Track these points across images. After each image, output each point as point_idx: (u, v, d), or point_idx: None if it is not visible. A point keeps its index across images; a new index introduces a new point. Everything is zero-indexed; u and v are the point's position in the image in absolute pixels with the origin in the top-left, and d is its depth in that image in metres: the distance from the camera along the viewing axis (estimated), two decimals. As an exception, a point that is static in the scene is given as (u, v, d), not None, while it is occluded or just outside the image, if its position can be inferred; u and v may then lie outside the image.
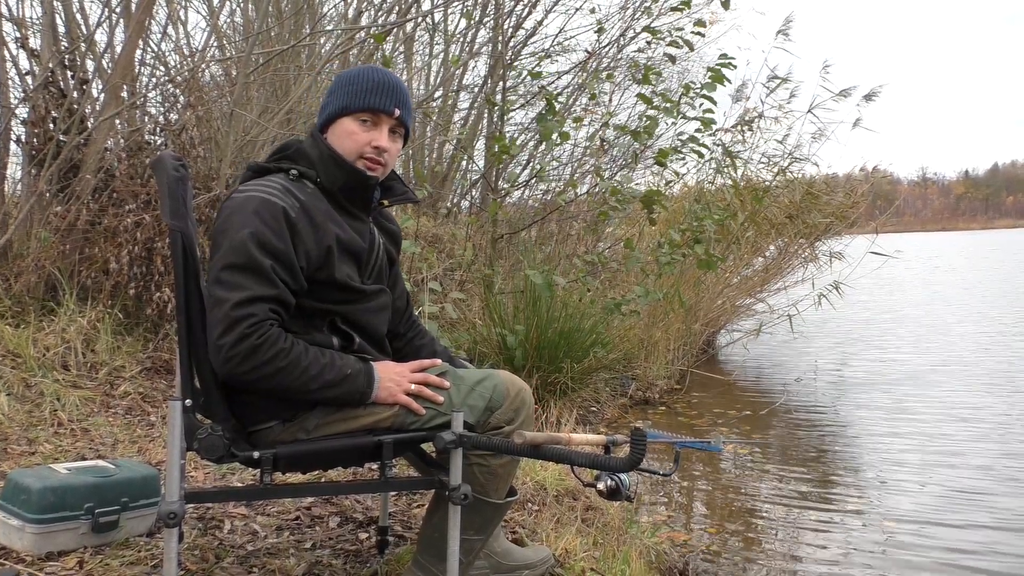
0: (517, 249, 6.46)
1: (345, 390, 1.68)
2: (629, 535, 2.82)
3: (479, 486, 1.79)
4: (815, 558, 3.12)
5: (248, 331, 1.56)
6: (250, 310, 1.57)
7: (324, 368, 1.65)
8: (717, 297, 7.69)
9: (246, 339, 1.56)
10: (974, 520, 3.47)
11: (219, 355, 1.58)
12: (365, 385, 1.70)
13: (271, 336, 1.58)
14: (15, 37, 4.38)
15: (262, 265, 1.60)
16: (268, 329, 1.58)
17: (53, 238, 4.10)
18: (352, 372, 1.69)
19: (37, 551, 2.01)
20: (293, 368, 1.61)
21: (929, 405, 5.70)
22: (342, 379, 1.67)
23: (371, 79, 1.77)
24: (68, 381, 3.62)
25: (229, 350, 1.56)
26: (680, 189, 7.95)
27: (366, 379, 1.70)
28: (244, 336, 1.56)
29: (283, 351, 1.59)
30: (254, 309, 1.57)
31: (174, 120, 4.74)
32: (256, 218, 1.62)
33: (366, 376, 1.71)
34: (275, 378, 1.60)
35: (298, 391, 1.64)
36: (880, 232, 8.61)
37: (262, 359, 1.57)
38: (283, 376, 1.60)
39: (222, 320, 1.57)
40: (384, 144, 1.77)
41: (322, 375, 1.64)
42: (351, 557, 2.20)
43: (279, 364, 1.59)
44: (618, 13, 8.41)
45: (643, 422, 5.19)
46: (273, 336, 1.58)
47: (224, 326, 1.57)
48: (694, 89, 5.39)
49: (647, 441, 1.57)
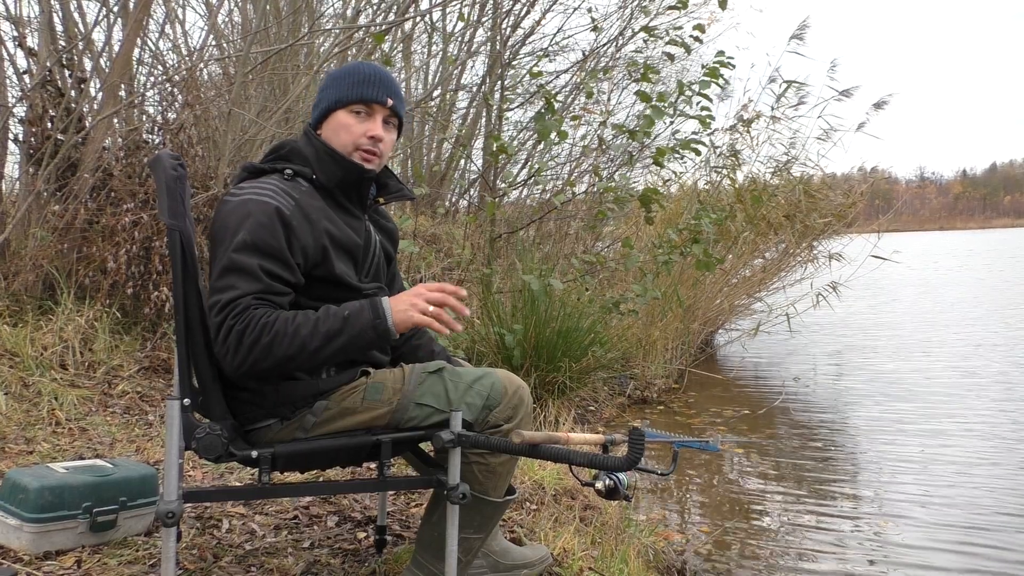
0: (515, 249, 6.46)
1: (353, 332, 1.60)
2: (627, 534, 2.82)
3: (478, 485, 1.79)
4: (812, 557, 3.12)
5: (232, 322, 1.56)
6: (233, 304, 1.58)
7: (317, 322, 1.59)
8: (716, 296, 7.69)
9: (231, 331, 1.56)
10: (973, 520, 3.47)
11: (221, 358, 1.59)
12: (373, 316, 1.61)
13: (252, 317, 1.57)
14: (13, 36, 4.37)
15: (249, 264, 1.60)
16: (251, 313, 1.57)
17: (51, 237, 4.09)
18: (350, 312, 1.61)
19: (35, 550, 2.01)
20: (282, 337, 1.56)
21: (927, 405, 5.70)
22: (343, 323, 1.60)
23: (362, 72, 1.79)
24: (66, 380, 3.62)
25: (222, 346, 1.57)
26: (678, 189, 7.96)
27: (372, 311, 1.62)
28: (229, 328, 1.56)
29: (266, 325, 1.56)
30: (238, 302, 1.58)
31: (172, 119, 4.73)
32: (249, 222, 1.63)
33: (371, 309, 1.62)
34: (270, 355, 1.56)
35: (302, 357, 1.58)
36: (881, 233, 8.62)
37: (249, 341, 1.55)
38: (278, 349, 1.56)
39: (213, 323, 1.59)
40: (379, 133, 1.79)
41: (318, 330, 1.58)
42: (349, 556, 2.20)
43: (265, 340, 1.56)
44: (616, 12, 8.43)
45: (641, 421, 5.18)
46: (256, 316, 1.57)
47: (215, 328, 1.58)
48: (690, 88, 5.38)
49: (645, 440, 1.57)
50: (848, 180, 9.48)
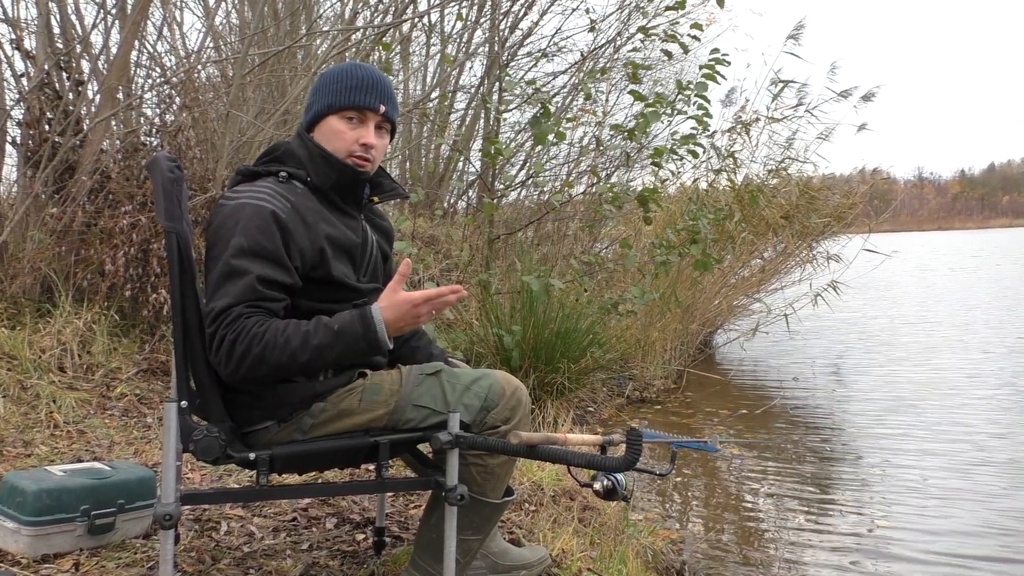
0: (513, 250, 6.46)
1: (345, 346, 1.59)
2: (626, 535, 2.82)
3: (476, 486, 1.79)
4: (811, 557, 3.12)
5: (224, 331, 1.57)
6: (226, 313, 1.58)
7: (307, 335, 1.58)
8: (714, 297, 7.70)
9: (223, 340, 1.56)
10: (972, 520, 3.47)
11: (217, 367, 1.60)
12: (365, 329, 1.59)
13: (245, 327, 1.56)
14: (10, 38, 4.37)
15: (244, 271, 1.60)
16: (243, 323, 1.57)
17: (49, 240, 4.09)
18: (341, 326, 1.59)
19: (32, 553, 2.00)
20: (272, 348, 1.56)
21: (926, 405, 5.71)
22: (333, 336, 1.58)
23: (355, 76, 1.77)
24: (64, 383, 3.61)
25: (215, 356, 1.58)
26: (676, 189, 7.96)
27: (363, 324, 1.59)
28: (221, 339, 1.57)
29: (256, 336, 1.55)
30: (230, 311, 1.58)
31: (170, 121, 4.73)
32: (244, 227, 1.63)
33: (361, 321, 1.59)
34: (261, 365, 1.56)
35: (292, 367, 1.58)
36: (874, 231, 8.63)
37: (240, 351, 1.55)
38: (266, 360, 1.56)
39: (208, 333, 1.59)
40: (371, 141, 1.78)
41: (308, 343, 1.58)
42: (348, 558, 2.19)
43: (256, 350, 1.55)
44: (615, 14, 8.43)
45: (639, 422, 5.19)
46: (248, 326, 1.56)
47: (209, 337, 1.59)
48: (688, 88, 5.38)
49: (643, 441, 1.57)
50: (848, 181, 9.50)
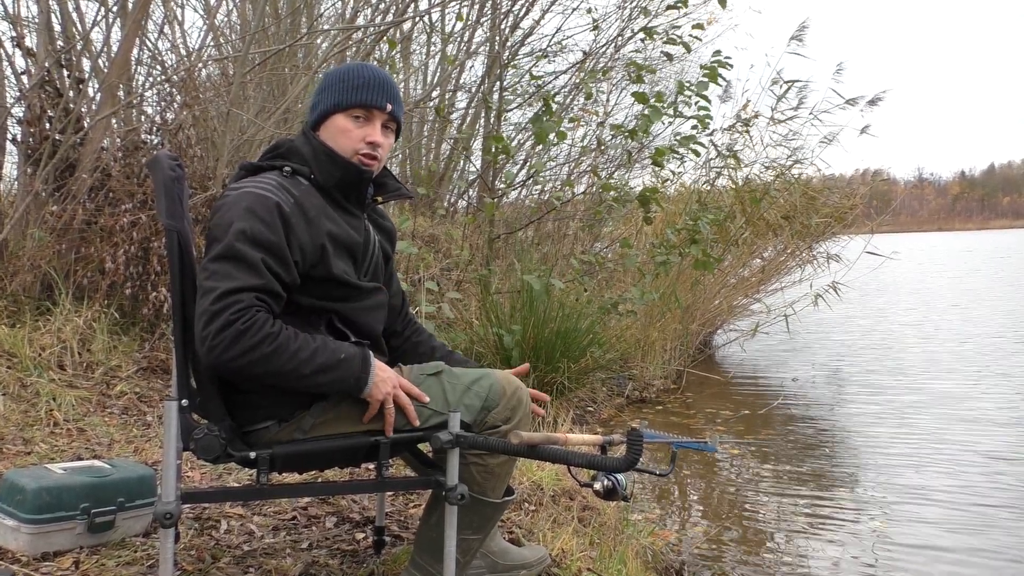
0: (514, 249, 6.46)
1: (340, 375, 1.62)
2: (625, 535, 2.82)
3: (477, 485, 1.79)
4: (810, 558, 3.13)
5: (233, 317, 1.53)
6: (236, 297, 1.55)
7: (316, 351, 1.60)
8: (714, 297, 7.70)
9: (231, 325, 1.53)
10: (972, 521, 3.47)
11: (204, 344, 1.54)
12: (360, 369, 1.64)
13: (257, 321, 1.55)
14: (11, 36, 4.37)
15: (251, 257, 1.58)
16: (254, 315, 1.55)
17: (49, 237, 4.09)
18: (346, 356, 1.63)
19: (32, 551, 2.00)
20: (282, 352, 1.56)
21: (926, 405, 5.71)
22: (336, 362, 1.62)
23: (361, 75, 1.77)
24: (64, 381, 3.61)
25: (214, 338, 1.53)
26: (676, 189, 7.96)
27: (362, 363, 1.65)
28: (229, 323, 1.53)
29: (270, 335, 1.55)
30: (240, 297, 1.55)
31: (170, 119, 4.73)
32: (248, 213, 1.61)
33: (362, 361, 1.65)
34: (264, 364, 1.55)
35: (290, 377, 1.59)
36: (876, 232, 8.63)
37: (248, 344, 1.53)
38: (272, 361, 1.55)
39: (208, 309, 1.54)
40: (378, 139, 1.78)
41: (314, 358, 1.59)
42: (348, 557, 2.19)
43: (265, 349, 1.54)
44: (616, 12, 8.42)
45: (639, 422, 5.19)
46: (260, 321, 1.55)
47: (210, 315, 1.54)
48: (689, 88, 5.38)
49: (643, 441, 1.57)
50: (849, 183, 9.50)
